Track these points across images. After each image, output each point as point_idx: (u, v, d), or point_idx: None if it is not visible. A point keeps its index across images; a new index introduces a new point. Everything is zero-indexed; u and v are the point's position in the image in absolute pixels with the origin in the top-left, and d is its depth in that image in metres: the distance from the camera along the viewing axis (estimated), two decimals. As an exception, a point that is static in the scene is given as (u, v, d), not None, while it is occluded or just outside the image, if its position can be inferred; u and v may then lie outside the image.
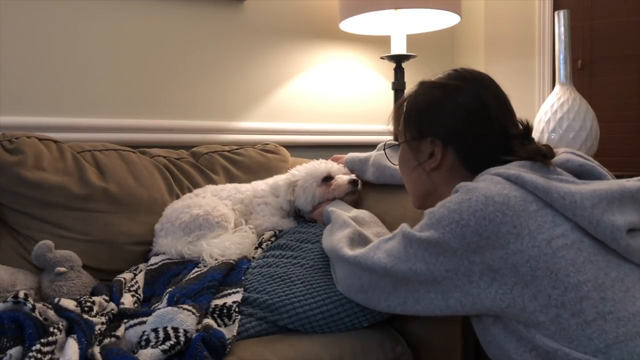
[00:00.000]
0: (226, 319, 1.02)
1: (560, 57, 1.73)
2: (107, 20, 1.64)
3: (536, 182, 0.82)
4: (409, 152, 1.02)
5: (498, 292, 0.80)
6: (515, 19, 2.26)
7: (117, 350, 0.87)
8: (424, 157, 0.98)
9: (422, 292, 0.87)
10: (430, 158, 0.97)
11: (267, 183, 1.51)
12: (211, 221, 1.33)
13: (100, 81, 1.64)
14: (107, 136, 1.59)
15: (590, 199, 0.80)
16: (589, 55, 2.41)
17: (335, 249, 1.03)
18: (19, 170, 1.28)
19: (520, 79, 2.27)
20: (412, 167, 1.01)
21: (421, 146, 0.98)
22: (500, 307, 0.80)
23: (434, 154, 0.96)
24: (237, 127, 1.86)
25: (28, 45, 1.54)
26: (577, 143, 1.67)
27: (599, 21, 2.39)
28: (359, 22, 1.87)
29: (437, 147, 0.96)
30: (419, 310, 0.88)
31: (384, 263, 0.89)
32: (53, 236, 1.28)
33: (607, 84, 2.40)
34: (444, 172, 0.97)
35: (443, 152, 0.95)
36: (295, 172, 1.46)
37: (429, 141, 0.97)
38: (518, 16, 2.26)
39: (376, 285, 0.93)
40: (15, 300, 0.90)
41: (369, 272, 0.94)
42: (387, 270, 0.89)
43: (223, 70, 1.85)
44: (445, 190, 0.92)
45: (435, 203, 0.88)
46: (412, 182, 1.05)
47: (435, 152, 0.96)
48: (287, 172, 1.50)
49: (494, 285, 0.80)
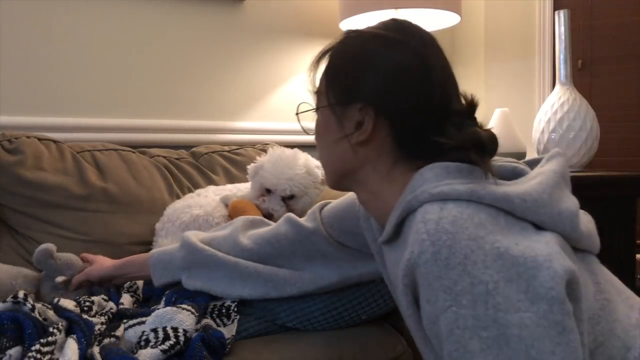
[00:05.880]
0: (225, 318, 1.02)
1: (561, 57, 1.73)
2: (106, 20, 1.64)
3: (493, 192, 0.66)
4: (332, 120, 0.79)
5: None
6: (515, 19, 2.26)
7: (116, 350, 0.87)
8: (350, 128, 0.77)
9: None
10: (357, 129, 0.76)
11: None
12: (211, 222, 1.33)
13: (100, 81, 1.64)
14: (107, 136, 1.59)
15: (545, 192, 0.68)
16: (589, 55, 2.41)
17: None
18: (18, 170, 1.28)
19: (520, 79, 2.27)
20: (334, 138, 0.79)
21: (347, 113, 0.77)
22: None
23: (362, 124, 0.76)
24: (237, 127, 1.86)
25: (28, 45, 1.54)
26: (577, 143, 1.67)
27: (599, 21, 2.39)
28: (359, 22, 1.87)
29: (368, 117, 0.75)
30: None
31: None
32: (53, 236, 1.28)
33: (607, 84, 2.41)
34: (373, 148, 0.76)
35: (375, 123, 0.75)
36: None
37: (357, 108, 0.76)
38: (518, 16, 2.26)
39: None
40: (15, 301, 0.90)
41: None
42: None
43: (223, 70, 1.85)
44: (370, 172, 0.77)
45: (355, 184, 0.79)
46: (331, 156, 0.82)
47: (366, 122, 0.75)
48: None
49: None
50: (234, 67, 1.87)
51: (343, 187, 0.83)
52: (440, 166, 0.70)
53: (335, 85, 0.80)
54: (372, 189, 0.78)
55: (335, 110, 0.79)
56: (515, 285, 0.58)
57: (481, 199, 0.65)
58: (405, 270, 0.64)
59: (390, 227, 0.73)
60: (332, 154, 0.82)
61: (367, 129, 0.75)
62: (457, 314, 0.59)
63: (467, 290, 0.59)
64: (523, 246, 0.61)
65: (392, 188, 0.75)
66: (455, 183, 0.67)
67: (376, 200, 0.78)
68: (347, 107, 0.77)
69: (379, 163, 0.76)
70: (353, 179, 0.80)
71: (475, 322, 0.58)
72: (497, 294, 0.58)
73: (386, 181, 0.76)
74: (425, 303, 0.63)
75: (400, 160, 0.75)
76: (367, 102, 0.75)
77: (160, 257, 1.11)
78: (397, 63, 0.75)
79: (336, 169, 0.82)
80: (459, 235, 0.61)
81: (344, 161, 0.80)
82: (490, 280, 0.58)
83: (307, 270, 1.03)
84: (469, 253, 0.60)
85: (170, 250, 1.10)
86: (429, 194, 0.67)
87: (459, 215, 0.63)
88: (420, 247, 0.62)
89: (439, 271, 0.60)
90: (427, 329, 0.64)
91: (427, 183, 0.69)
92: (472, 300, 0.58)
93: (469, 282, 0.59)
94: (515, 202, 0.66)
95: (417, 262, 0.62)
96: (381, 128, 0.75)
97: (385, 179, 0.76)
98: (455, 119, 0.74)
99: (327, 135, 0.81)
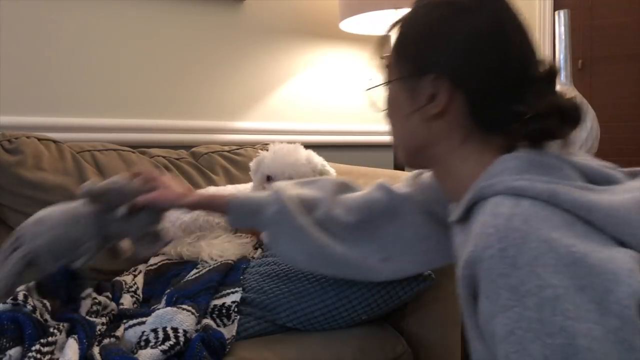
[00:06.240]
0: (225, 319, 1.02)
1: (561, 57, 1.73)
2: (106, 20, 1.64)
3: (575, 198, 0.61)
4: (403, 94, 0.76)
5: None
6: (515, 18, 2.26)
7: (116, 350, 0.87)
8: (422, 101, 0.73)
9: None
10: (430, 102, 0.72)
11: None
12: (212, 222, 1.33)
13: (100, 81, 1.64)
14: (107, 136, 1.59)
15: (637, 213, 0.62)
16: (589, 55, 2.41)
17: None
18: (18, 170, 1.28)
19: (521, 79, 2.27)
20: (407, 112, 0.75)
21: (419, 86, 0.73)
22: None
23: (435, 97, 0.72)
24: (237, 127, 1.86)
25: (28, 45, 1.53)
26: (577, 143, 1.67)
27: (599, 21, 2.39)
28: (359, 22, 1.87)
29: (443, 88, 0.71)
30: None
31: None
32: (53, 236, 1.29)
33: (607, 84, 2.40)
34: (446, 121, 0.72)
35: (450, 94, 0.71)
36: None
37: (430, 79, 0.71)
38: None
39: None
40: (15, 302, 0.90)
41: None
42: None
43: (223, 70, 1.85)
44: (442, 148, 0.74)
45: (429, 161, 0.76)
46: (402, 132, 0.79)
47: (440, 94, 0.71)
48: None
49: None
50: (233, 67, 1.87)
51: (417, 164, 0.78)
52: (524, 157, 0.66)
53: (406, 56, 0.76)
54: (445, 166, 0.75)
55: (406, 84, 0.75)
56: (587, 295, 0.55)
57: (560, 203, 0.61)
58: (467, 262, 0.61)
59: (461, 209, 0.70)
60: (404, 129, 0.78)
61: (441, 101, 0.71)
62: (520, 315, 0.56)
63: (534, 293, 0.55)
64: (603, 255, 0.56)
65: (465, 166, 0.72)
66: (536, 180, 0.62)
67: (449, 178, 0.75)
68: (419, 79, 0.73)
69: (451, 137, 0.72)
70: (426, 156, 0.76)
71: (540, 326, 0.55)
72: (566, 301, 0.54)
73: (459, 158, 0.73)
74: (484, 298, 0.60)
75: (473, 134, 0.71)
76: (441, 73, 0.71)
77: (245, 202, 0.97)
78: (472, 29, 0.70)
79: (408, 145, 0.79)
80: (531, 235, 0.57)
81: (415, 137, 0.76)
82: (561, 285, 0.55)
83: (393, 254, 0.95)
84: (540, 255, 0.56)
85: (258, 199, 0.97)
86: (506, 186, 0.63)
87: (534, 215, 0.59)
88: (487, 242, 0.59)
89: (505, 269, 0.57)
90: (482, 323, 0.61)
91: (506, 173, 0.65)
92: (538, 303, 0.55)
93: (536, 285, 0.55)
94: (598, 214, 0.61)
95: (481, 257, 0.59)
96: (456, 99, 0.71)
97: (457, 155, 0.73)
98: (533, 87, 0.69)
99: (398, 110, 0.78)
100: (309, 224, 0.94)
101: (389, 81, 0.79)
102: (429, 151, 0.76)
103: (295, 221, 0.93)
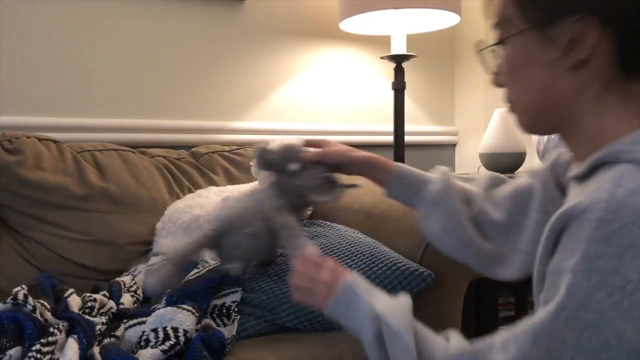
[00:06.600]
0: (225, 319, 1.02)
1: (560, 57, 1.73)
2: (106, 20, 1.64)
3: None
4: (531, 45, 0.66)
5: None
6: (515, 18, 2.26)
7: (116, 350, 0.87)
8: (558, 50, 0.63)
9: None
10: (569, 49, 0.62)
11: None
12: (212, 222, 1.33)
13: (100, 81, 1.64)
14: (107, 136, 1.59)
15: None
16: (589, 55, 2.40)
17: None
18: (18, 171, 1.28)
19: (521, 79, 2.27)
20: (541, 64, 0.65)
21: (555, 32, 0.63)
22: None
23: (576, 42, 0.62)
24: (237, 127, 1.86)
25: (28, 45, 1.53)
26: None
27: (599, 21, 2.38)
28: (359, 22, 1.87)
29: (591, 28, 0.60)
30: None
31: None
32: (53, 236, 1.29)
33: (607, 84, 2.40)
34: (589, 69, 0.62)
35: (599, 35, 0.60)
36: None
37: (571, 21, 0.61)
38: (518, 16, 2.25)
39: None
40: (15, 302, 0.90)
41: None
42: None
43: (223, 70, 1.85)
44: (580, 101, 0.64)
45: (558, 122, 0.66)
46: (531, 91, 0.68)
47: (587, 36, 0.61)
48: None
49: None
50: (234, 67, 1.87)
51: (543, 128, 0.70)
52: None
53: (534, 3, 0.66)
54: (576, 123, 0.66)
55: (536, 34, 0.65)
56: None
57: None
58: (562, 215, 0.56)
59: (586, 165, 0.62)
60: (534, 87, 0.68)
61: (588, 45, 0.61)
62: (575, 283, 0.52)
63: (603, 272, 0.51)
64: None
65: (600, 121, 0.63)
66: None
67: (581, 136, 0.66)
68: (551, 26, 0.63)
69: (588, 89, 0.63)
70: (556, 116, 0.67)
71: (584, 302, 0.51)
72: (629, 297, 0.50)
73: (594, 112, 0.64)
74: (559, 252, 0.56)
75: (615, 84, 0.62)
76: (587, 11, 0.61)
77: (409, 175, 0.91)
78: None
79: (538, 105, 0.68)
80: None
81: (548, 94, 0.66)
82: (635, 281, 0.50)
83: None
84: (638, 244, 0.50)
85: (423, 175, 0.91)
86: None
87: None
88: (593, 204, 0.53)
89: (593, 237, 0.52)
90: (547, 273, 0.57)
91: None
92: (599, 282, 0.51)
93: (611, 268, 0.50)
94: None
95: (579, 215, 0.54)
96: (604, 42, 0.61)
97: (592, 109, 0.64)
98: None
99: (526, 67, 0.67)
100: (465, 215, 0.87)
101: (509, 36, 0.68)
102: (562, 107, 0.66)
103: (455, 205, 0.87)
